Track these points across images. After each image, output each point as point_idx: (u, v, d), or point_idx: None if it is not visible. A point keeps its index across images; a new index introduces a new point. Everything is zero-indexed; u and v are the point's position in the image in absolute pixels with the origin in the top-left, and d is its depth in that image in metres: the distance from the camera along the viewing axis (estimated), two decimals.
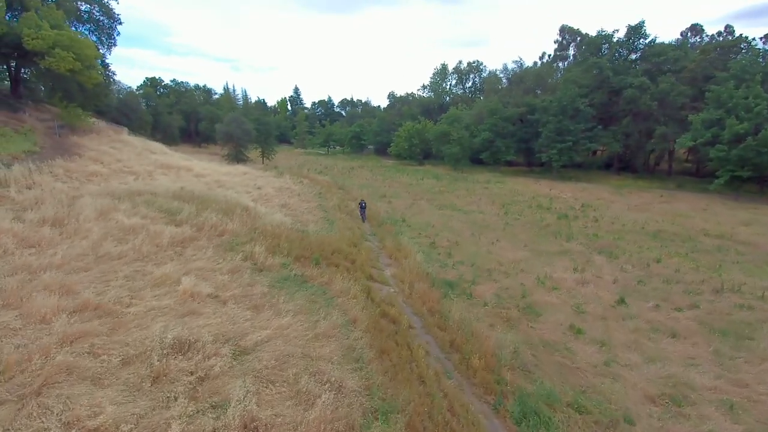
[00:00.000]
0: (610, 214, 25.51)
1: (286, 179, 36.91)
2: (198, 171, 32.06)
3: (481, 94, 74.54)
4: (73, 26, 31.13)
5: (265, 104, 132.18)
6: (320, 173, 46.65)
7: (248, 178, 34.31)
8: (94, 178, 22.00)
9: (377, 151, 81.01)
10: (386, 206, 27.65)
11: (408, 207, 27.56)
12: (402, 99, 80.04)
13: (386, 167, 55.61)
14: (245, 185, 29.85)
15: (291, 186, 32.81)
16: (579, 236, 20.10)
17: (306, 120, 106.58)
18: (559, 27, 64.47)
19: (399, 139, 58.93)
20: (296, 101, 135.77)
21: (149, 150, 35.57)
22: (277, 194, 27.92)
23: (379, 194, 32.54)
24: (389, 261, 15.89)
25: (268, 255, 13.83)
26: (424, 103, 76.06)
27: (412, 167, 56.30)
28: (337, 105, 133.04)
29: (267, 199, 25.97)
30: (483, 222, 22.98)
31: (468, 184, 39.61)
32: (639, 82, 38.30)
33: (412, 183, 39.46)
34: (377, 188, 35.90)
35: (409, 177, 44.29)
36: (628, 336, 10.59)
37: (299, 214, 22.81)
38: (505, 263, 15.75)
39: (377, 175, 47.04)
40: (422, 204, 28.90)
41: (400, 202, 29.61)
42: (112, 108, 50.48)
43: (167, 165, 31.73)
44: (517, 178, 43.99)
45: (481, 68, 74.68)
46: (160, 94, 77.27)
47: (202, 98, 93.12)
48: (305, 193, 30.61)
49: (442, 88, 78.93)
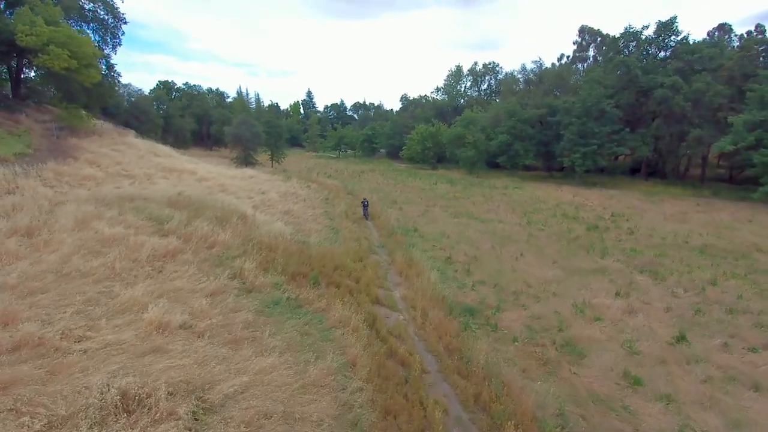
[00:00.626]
0: (646, 225, 23.01)
1: (293, 183, 35.45)
2: (202, 174, 30.79)
3: (496, 97, 72.15)
4: (78, 25, 30.38)
5: (279, 108, 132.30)
6: (329, 177, 45.08)
7: (254, 182, 33.00)
8: (87, 183, 20.69)
9: (389, 155, 79.26)
10: (397, 213, 25.76)
11: (421, 214, 25.59)
12: (415, 102, 78.22)
13: (398, 171, 53.76)
14: (249, 190, 28.42)
15: (297, 191, 31.28)
16: (614, 251, 17.78)
17: (318, 123, 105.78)
18: (579, 27, 61.94)
19: (412, 142, 57.06)
20: (309, 105, 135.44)
21: (154, 153, 34.55)
22: (281, 200, 26.35)
23: (390, 200, 30.67)
24: (399, 279, 13.95)
25: (259, 272, 12.08)
26: (438, 106, 74.07)
27: (425, 171, 54.30)
28: (350, 108, 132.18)
29: (270, 204, 24.39)
30: (504, 232, 20.84)
31: (484, 189, 37.40)
32: (671, 81, 35.55)
33: (425, 188, 37.47)
34: (388, 193, 34.04)
35: (422, 182, 42.31)
36: (698, 388, 8.39)
37: (302, 222, 21.11)
38: (534, 284, 13.62)
39: (389, 179, 45.20)
40: (436, 211, 26.89)
41: (412, 208, 27.66)
42: (122, 110, 50.07)
43: (170, 168, 30.55)
44: (536, 184, 41.51)
45: (497, 70, 72.37)
46: (173, 97, 77.32)
47: (215, 101, 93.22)
48: (311, 199, 28.98)
49: (457, 90, 76.83)
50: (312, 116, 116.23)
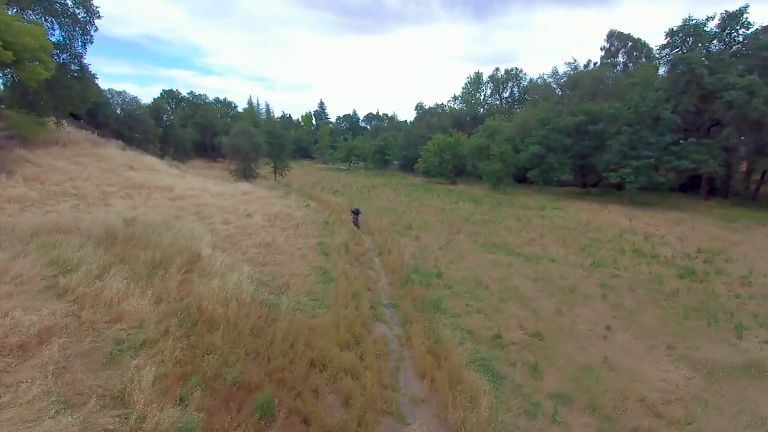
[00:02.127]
0: (759, 269, 16.64)
1: (291, 201, 30.21)
2: (179, 192, 25.69)
3: (519, 105, 66.36)
4: (44, 19, 26.16)
5: (290, 118, 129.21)
6: (335, 193, 39.74)
7: (243, 200, 27.84)
8: (8, 206, 15.62)
9: (403, 167, 73.84)
10: (413, 244, 20.02)
11: (443, 247, 19.79)
12: (431, 111, 72.98)
13: (413, 186, 48.15)
14: (231, 211, 23.11)
15: (292, 211, 25.89)
16: (747, 319, 11.61)
17: (330, 134, 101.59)
18: (607, 33, 56.16)
19: (428, 153, 51.51)
20: (321, 116, 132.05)
21: (130, 166, 29.82)
22: (267, 225, 20.92)
23: (403, 224, 24.98)
24: (421, 386, 8.15)
25: (163, 392, 6.53)
26: (456, 115, 68.62)
27: (442, 186, 48.55)
28: (362, 119, 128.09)
29: (249, 233, 18.95)
30: (563, 280, 14.83)
31: (516, 210, 31.39)
32: (746, 81, 29.19)
33: (445, 208, 31.65)
34: (402, 214, 28.37)
35: (440, 199, 36.55)
36: None
37: (284, 262, 15.55)
38: (662, 407, 7.62)
39: (402, 195, 39.62)
40: (462, 242, 21.05)
41: (431, 237, 21.89)
42: (112, 119, 46.12)
43: (140, 185, 25.57)
44: (576, 203, 35.26)
45: (520, 76, 66.71)
46: (175, 106, 74.06)
47: (223, 112, 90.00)
48: (307, 223, 23.51)
49: (476, 98, 71.35)
50: (323, 127, 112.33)
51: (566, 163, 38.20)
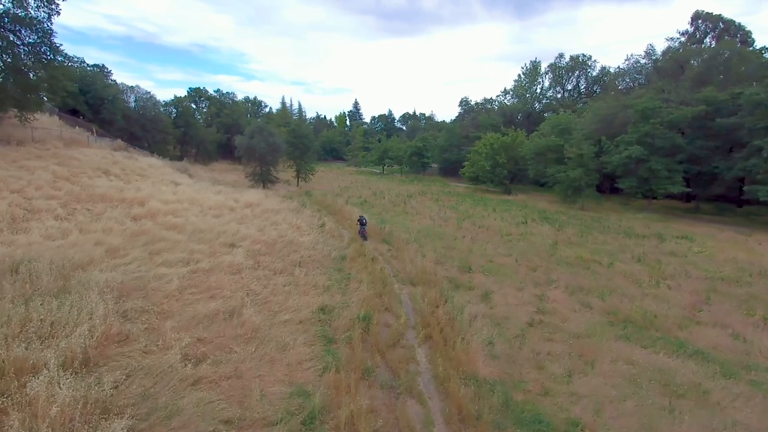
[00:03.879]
0: None
1: (304, 217, 22.97)
2: (153, 207, 19.08)
3: (586, 99, 55.59)
4: None
5: (324, 119, 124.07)
6: (363, 204, 32.00)
7: (241, 217, 20.87)
8: None
9: (443, 171, 65.10)
10: (482, 311, 11.61)
11: (535, 321, 11.25)
12: (478, 107, 63.61)
13: (458, 195, 39.45)
14: (210, 238, 15.94)
15: (299, 236, 18.40)
16: None
17: (363, 135, 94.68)
18: (692, 14, 44.60)
19: (476, 156, 42.50)
20: (355, 116, 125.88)
21: (104, 171, 23.70)
22: (251, 266, 13.43)
23: (457, 260, 16.66)
24: None
25: None
26: (507, 111, 59.00)
27: (495, 196, 39.46)
28: (398, 119, 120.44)
29: (210, 287, 11.45)
30: None
31: (617, 237, 22.05)
32: None
33: (510, 232, 22.81)
34: (451, 241, 19.98)
35: (498, 216, 27.72)
36: None
37: (242, 374, 7.74)
38: None
39: (446, 208, 31.12)
40: (563, 305, 12.40)
41: (507, 292, 13.38)
42: (119, 117, 41.23)
43: (102, 197, 19.23)
44: (697, 227, 25.14)
45: (589, 64, 55.84)
46: (199, 106, 69.89)
47: (252, 111, 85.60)
48: (315, 257, 15.77)
49: (531, 91, 61.16)
50: (356, 127, 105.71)
51: (677, 169, 27.91)
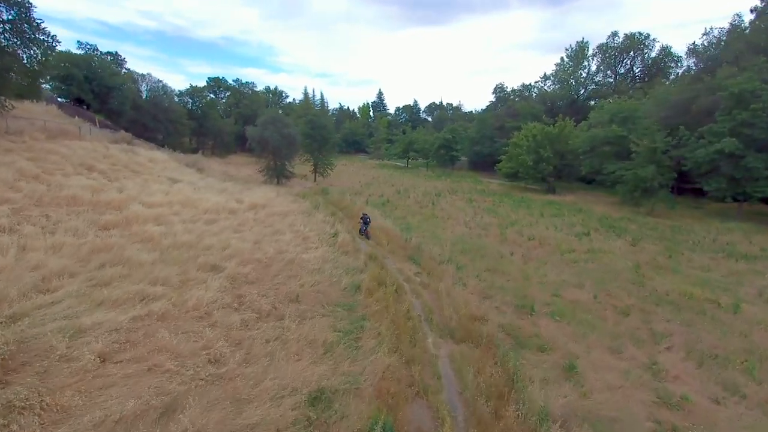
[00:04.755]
0: None
1: (315, 222, 19.11)
2: (133, 212, 15.74)
3: (641, 84, 48.74)
4: None
5: (347, 110, 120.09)
6: (385, 205, 27.78)
7: (239, 223, 17.19)
8: None
9: (473, 166, 59.79)
10: (570, 398, 7.23)
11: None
12: (515, 94, 57.62)
13: (493, 195, 34.49)
14: (188, 257, 12.01)
15: (303, 252, 14.33)
16: None
17: (387, 126, 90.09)
18: None
19: (515, 149, 37.19)
20: (379, 107, 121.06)
21: (87, 166, 20.51)
22: (228, 306, 9.42)
23: (512, 294, 12.23)
24: None
25: None
26: (547, 99, 52.90)
27: (537, 195, 34.24)
28: (424, 110, 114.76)
29: (148, 359, 7.45)
30: None
31: (716, 257, 16.84)
32: None
33: (571, 247, 17.93)
34: (496, 263, 15.45)
35: (550, 223, 22.80)
36: None
37: None
38: None
39: (482, 211, 26.40)
40: (694, 389, 7.81)
41: (599, 359, 8.87)
42: (127, 107, 38.63)
43: (72, 198, 15.88)
44: None
45: (647, 43, 48.74)
46: (218, 97, 67.29)
47: (273, 101, 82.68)
48: (321, 286, 11.64)
49: (576, 76, 54.56)
50: (380, 118, 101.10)
51: None
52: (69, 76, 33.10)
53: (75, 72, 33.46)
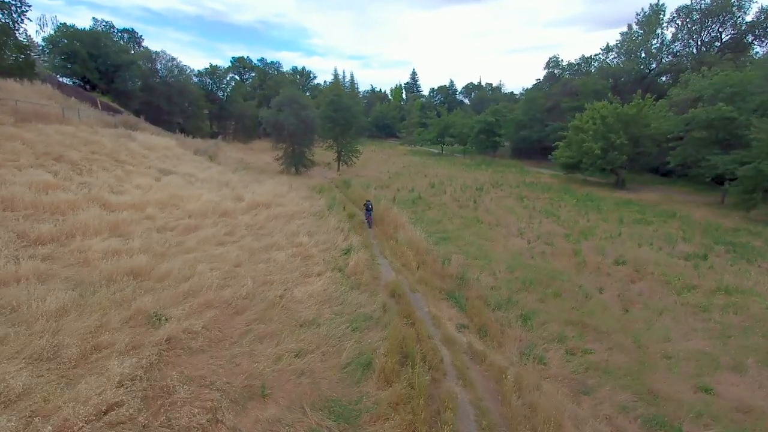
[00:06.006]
0: None
1: (325, 231, 14.66)
2: (83, 219, 11.52)
3: (732, 54, 39.91)
4: None
5: (379, 92, 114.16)
6: (416, 203, 22.76)
7: (232, 227, 13.05)
8: None
9: (516, 153, 53.03)
10: None
11: None
12: (571, 69, 49.73)
13: (548, 190, 28.48)
14: (121, 302, 7.56)
15: (295, 287, 9.77)
16: None
17: (420, 109, 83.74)
18: None
19: (577, 134, 30.62)
20: (413, 88, 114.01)
21: (56, 156, 17.05)
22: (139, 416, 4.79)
23: (629, 381, 7.05)
24: None
25: None
26: (610, 74, 44.90)
27: (604, 191, 27.86)
28: (461, 91, 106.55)
29: None
30: None
31: None
32: None
33: (690, 282, 12.22)
34: (584, 310, 10.24)
35: (636, 234, 16.86)
36: None
37: None
38: None
39: (539, 213, 20.77)
40: None
41: None
42: (135, 87, 35.55)
43: (6, 202, 12.14)
44: None
45: (742, 4, 39.42)
46: (243, 78, 63.84)
47: (301, 83, 78.60)
48: (304, 373, 7.02)
49: (648, 47, 45.87)
50: (414, 101, 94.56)
51: None
52: (72, 53, 30.18)
53: (79, 48, 30.48)
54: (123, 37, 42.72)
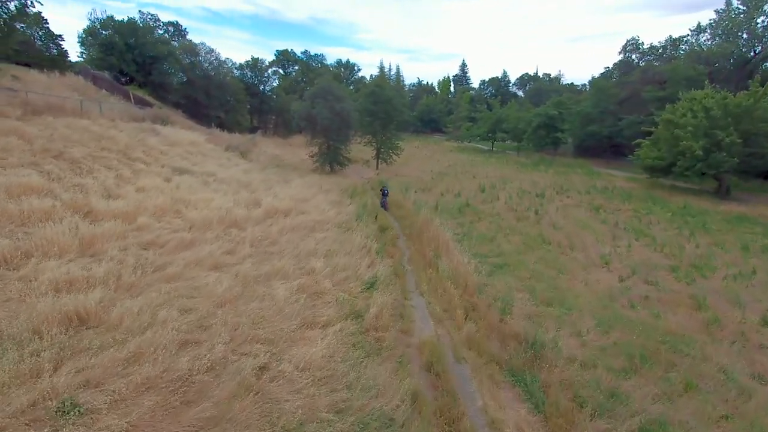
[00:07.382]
0: None
1: (348, 252, 11.39)
2: (49, 234, 8.90)
3: None
4: None
5: (426, 85, 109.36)
6: (464, 208, 18.82)
7: (237, 242, 10.18)
8: None
9: (580, 151, 46.64)
10: None
11: None
12: (654, 53, 42.33)
13: (628, 198, 23.17)
14: (27, 407, 4.32)
15: (288, 349, 6.64)
16: None
17: (470, 102, 78.19)
18: None
19: (670, 130, 24.70)
20: (461, 80, 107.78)
21: (56, 154, 15.45)
22: None
23: None
24: None
25: None
26: (708, 58, 37.31)
27: (703, 202, 22.04)
28: (514, 82, 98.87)
29: None
30: None
31: None
32: None
33: None
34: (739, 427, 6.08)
35: None
36: None
37: None
38: None
39: (624, 231, 15.97)
40: None
41: None
42: (173, 81, 34.65)
43: None
44: None
45: None
46: (287, 72, 62.61)
47: (346, 76, 76.43)
48: None
49: (751, 26, 37.58)
50: (463, 94, 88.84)
51: None
52: (109, 45, 29.58)
53: (116, 40, 29.81)
54: (168, 30, 42.31)
